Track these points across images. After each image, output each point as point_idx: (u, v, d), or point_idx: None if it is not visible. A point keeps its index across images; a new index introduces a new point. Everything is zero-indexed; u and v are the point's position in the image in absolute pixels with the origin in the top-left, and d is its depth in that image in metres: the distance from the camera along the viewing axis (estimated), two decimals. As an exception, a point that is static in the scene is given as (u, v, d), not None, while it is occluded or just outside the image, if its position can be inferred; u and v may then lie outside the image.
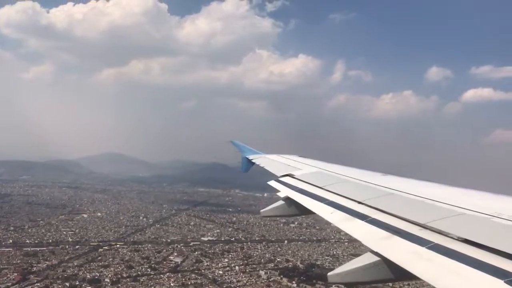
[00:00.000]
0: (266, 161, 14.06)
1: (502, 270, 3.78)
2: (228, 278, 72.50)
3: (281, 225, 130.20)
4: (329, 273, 5.19)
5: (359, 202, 6.69)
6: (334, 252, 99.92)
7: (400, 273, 4.56)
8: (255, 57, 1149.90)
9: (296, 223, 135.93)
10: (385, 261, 4.76)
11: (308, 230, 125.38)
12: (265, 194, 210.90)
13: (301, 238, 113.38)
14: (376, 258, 4.86)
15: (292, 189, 8.91)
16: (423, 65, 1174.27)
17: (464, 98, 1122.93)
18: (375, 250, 4.99)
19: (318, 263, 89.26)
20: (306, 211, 7.86)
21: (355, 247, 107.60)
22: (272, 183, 10.11)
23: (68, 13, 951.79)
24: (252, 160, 15.31)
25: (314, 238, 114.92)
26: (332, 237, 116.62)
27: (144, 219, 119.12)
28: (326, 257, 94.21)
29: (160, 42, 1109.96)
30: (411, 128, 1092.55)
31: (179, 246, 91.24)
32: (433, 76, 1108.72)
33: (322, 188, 8.17)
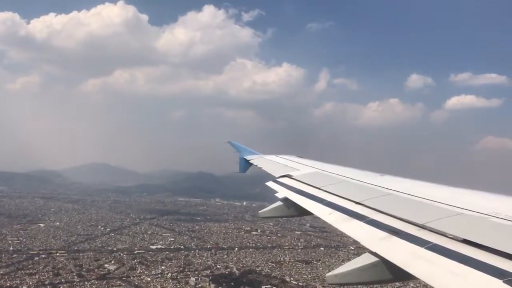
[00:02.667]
0: (263, 161, 14.05)
1: (501, 270, 3.76)
2: (154, 285, 72.78)
3: (242, 232, 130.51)
4: (327, 274, 5.15)
5: (357, 203, 6.66)
6: (281, 259, 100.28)
7: (399, 274, 4.55)
8: (238, 67, 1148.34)
9: (259, 230, 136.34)
10: (384, 262, 4.73)
11: (268, 237, 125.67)
12: (244, 203, 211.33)
13: (255, 245, 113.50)
14: (375, 259, 4.84)
15: (290, 190, 8.80)
16: (403, 73, 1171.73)
17: (448, 105, 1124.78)
18: (374, 250, 4.95)
19: (258, 269, 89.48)
20: (304, 212, 7.76)
21: (306, 253, 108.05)
22: (270, 183, 9.94)
23: (49, 24, 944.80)
24: (250, 161, 15.29)
25: (269, 245, 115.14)
26: (287, 244, 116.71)
27: (102, 228, 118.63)
28: (269, 264, 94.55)
29: (143, 52, 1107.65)
30: (400, 136, 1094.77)
31: (121, 254, 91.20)
32: (414, 83, 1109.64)
33: (320, 189, 8.10)
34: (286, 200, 8.60)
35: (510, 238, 4.51)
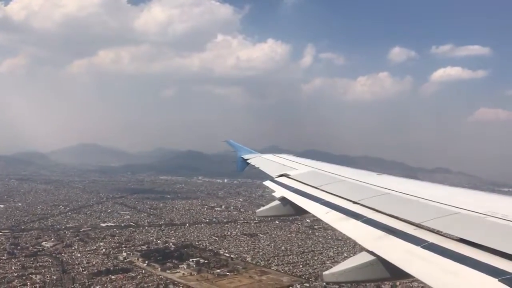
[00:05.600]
0: (261, 161, 14.21)
1: (497, 269, 3.81)
2: (80, 260, 74.11)
3: (205, 209, 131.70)
4: (324, 272, 5.20)
5: (354, 202, 6.75)
6: (228, 233, 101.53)
7: (395, 272, 4.62)
8: (222, 44, 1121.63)
9: (223, 207, 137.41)
10: (381, 261, 4.81)
11: (229, 213, 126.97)
12: (225, 180, 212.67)
13: (209, 220, 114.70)
14: (372, 258, 4.90)
15: (288, 189, 8.91)
16: (387, 46, 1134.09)
17: (436, 77, 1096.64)
18: (370, 249, 5.01)
19: (197, 243, 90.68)
20: (301, 211, 7.90)
21: (257, 227, 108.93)
22: (268, 183, 10.06)
23: (28, 5, 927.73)
24: (247, 160, 15.40)
25: (225, 220, 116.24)
26: (242, 219, 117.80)
27: (62, 207, 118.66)
28: (213, 238, 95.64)
29: (125, 32, 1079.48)
30: (393, 109, 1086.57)
31: (66, 233, 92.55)
32: (398, 57, 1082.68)
33: (318, 188, 8.20)
34: (283, 199, 8.63)
35: (507, 237, 4.54)
